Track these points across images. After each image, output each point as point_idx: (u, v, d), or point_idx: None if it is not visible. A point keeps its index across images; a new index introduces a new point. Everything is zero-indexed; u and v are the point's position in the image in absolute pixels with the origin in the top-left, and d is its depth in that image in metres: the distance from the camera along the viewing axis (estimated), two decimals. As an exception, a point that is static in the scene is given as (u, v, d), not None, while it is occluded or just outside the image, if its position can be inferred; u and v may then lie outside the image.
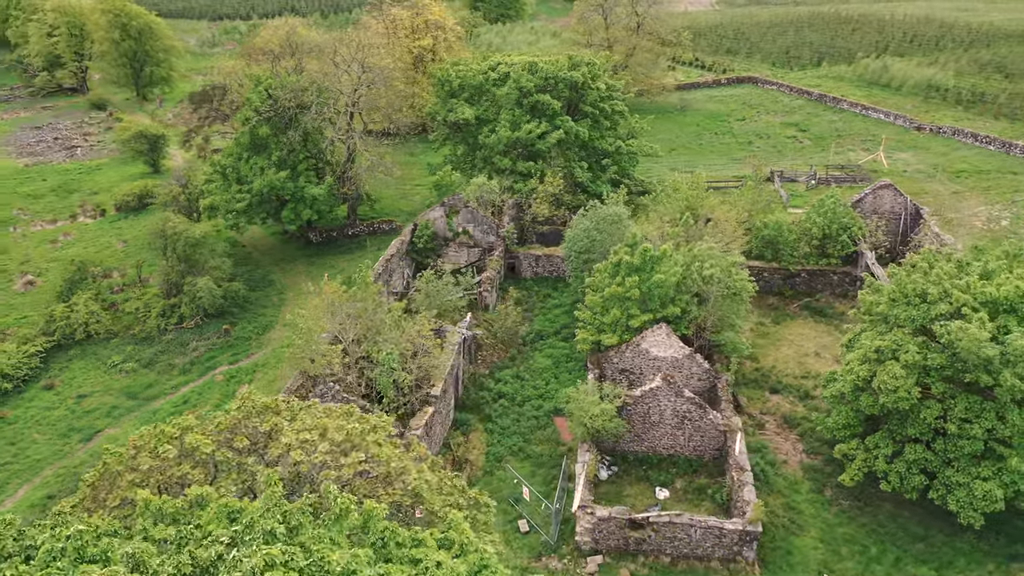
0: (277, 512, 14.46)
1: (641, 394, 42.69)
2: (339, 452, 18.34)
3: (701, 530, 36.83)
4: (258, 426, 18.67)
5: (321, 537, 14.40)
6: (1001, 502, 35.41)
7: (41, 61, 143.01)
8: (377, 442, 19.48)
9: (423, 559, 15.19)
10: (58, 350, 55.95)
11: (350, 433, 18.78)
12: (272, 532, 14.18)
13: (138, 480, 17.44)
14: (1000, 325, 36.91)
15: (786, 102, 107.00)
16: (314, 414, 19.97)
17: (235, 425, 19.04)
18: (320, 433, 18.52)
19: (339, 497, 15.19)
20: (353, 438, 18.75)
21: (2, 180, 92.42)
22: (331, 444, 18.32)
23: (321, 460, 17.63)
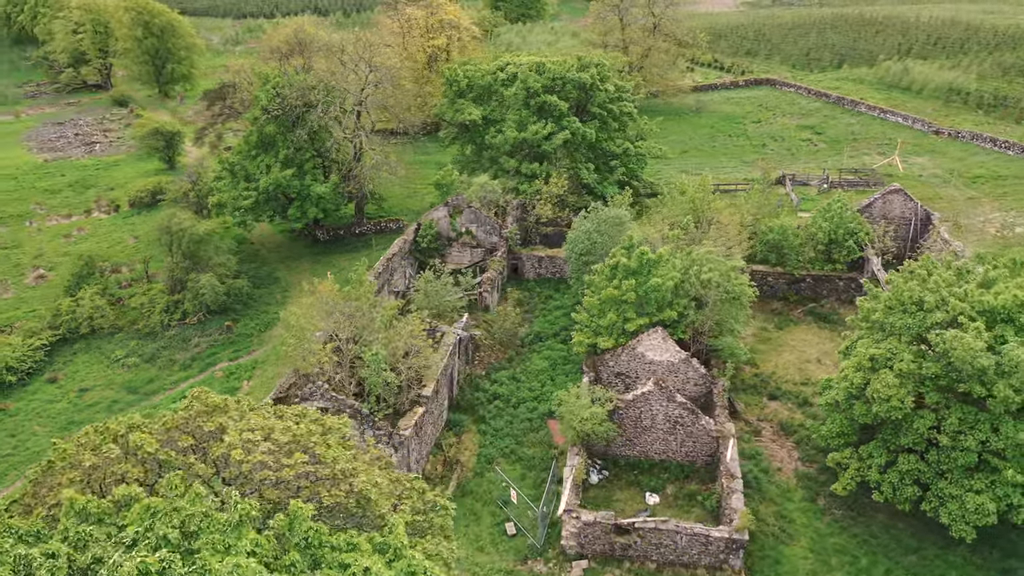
0: (176, 517, 14.46)
1: (633, 398, 42.39)
2: (281, 453, 18.30)
3: (687, 537, 36.48)
4: (203, 425, 18.69)
5: (216, 543, 14.36)
6: (994, 516, 34.70)
7: (66, 58, 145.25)
8: (326, 443, 19.42)
9: (352, 564, 15.14)
10: (63, 344, 56.67)
11: (296, 434, 18.73)
12: (165, 537, 14.18)
13: (78, 478, 17.55)
14: (997, 335, 36.23)
15: (803, 104, 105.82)
16: (263, 414, 19.99)
17: (182, 424, 19.07)
18: (265, 434, 18.51)
19: (239, 503, 15.15)
20: (299, 439, 18.69)
21: (22, 175, 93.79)
22: (274, 445, 18.30)
23: (260, 460, 17.59)
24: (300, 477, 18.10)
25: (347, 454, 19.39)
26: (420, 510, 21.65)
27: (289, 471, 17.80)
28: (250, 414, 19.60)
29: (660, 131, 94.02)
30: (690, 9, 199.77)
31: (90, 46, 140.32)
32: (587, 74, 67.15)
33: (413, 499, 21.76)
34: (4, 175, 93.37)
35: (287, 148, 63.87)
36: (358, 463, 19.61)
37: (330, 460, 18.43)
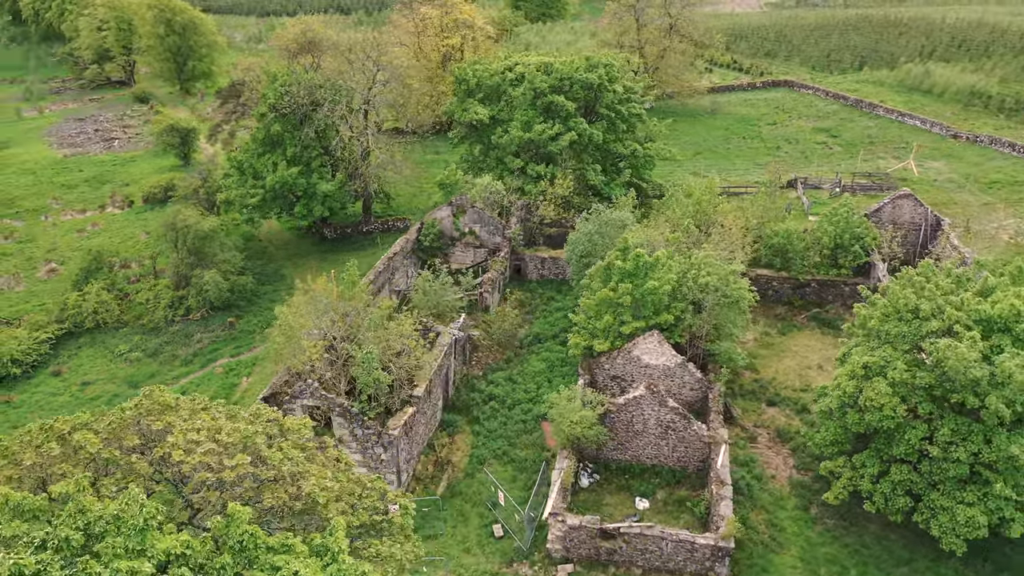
0: (80, 519, 14.50)
1: (625, 402, 42.13)
2: (225, 454, 18.33)
3: (673, 543, 36.19)
4: (151, 424, 18.77)
5: (116, 547, 14.36)
6: (984, 529, 34.09)
7: (91, 54, 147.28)
8: (278, 445, 19.40)
9: (283, 566, 15.14)
10: (69, 337, 57.43)
11: (244, 435, 18.74)
12: (67, 539, 14.25)
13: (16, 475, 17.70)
14: (993, 344, 35.59)
15: (820, 107, 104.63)
16: (213, 414, 20.05)
17: (130, 423, 19.18)
18: (211, 434, 18.54)
19: (145, 506, 15.15)
20: (246, 440, 18.71)
21: (41, 170, 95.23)
22: (219, 446, 18.33)
23: (201, 461, 17.61)
24: (243, 479, 18.14)
25: (299, 456, 19.39)
26: (381, 511, 21.64)
27: (230, 472, 17.84)
28: (201, 413, 19.69)
29: (672, 132, 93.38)
30: (712, 9, 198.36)
31: (114, 43, 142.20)
32: (595, 75, 66.84)
33: (373, 499, 21.76)
34: (24, 170, 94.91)
35: (294, 146, 64.24)
36: (312, 465, 19.61)
37: (276, 462, 18.44)
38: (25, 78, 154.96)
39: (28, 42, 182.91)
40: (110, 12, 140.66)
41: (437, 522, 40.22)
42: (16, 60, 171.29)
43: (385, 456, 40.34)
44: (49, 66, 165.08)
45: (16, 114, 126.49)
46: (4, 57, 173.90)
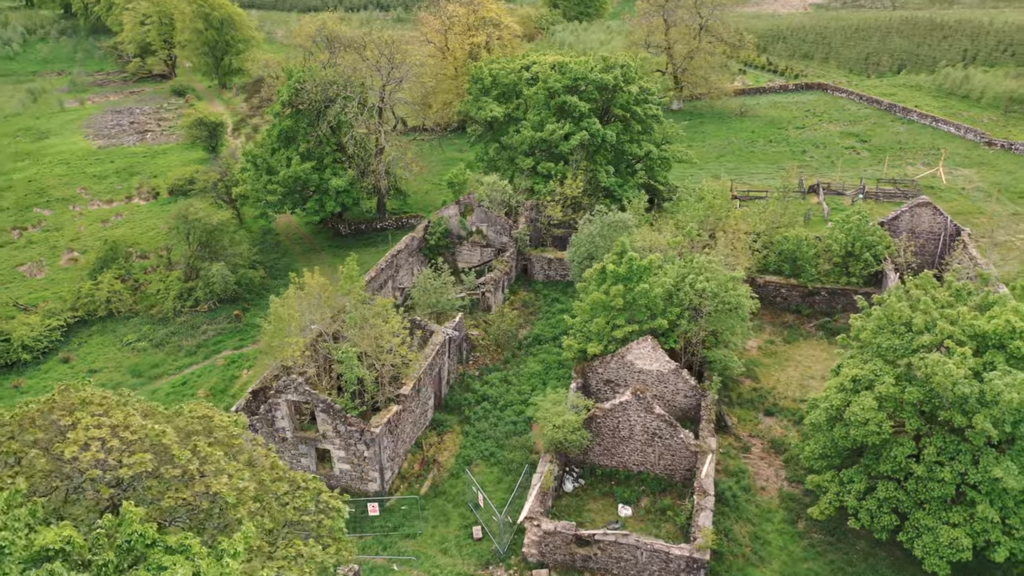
0: None
1: (611, 407, 41.66)
2: (126, 451, 18.42)
3: (647, 553, 35.69)
4: (59, 420, 18.96)
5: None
6: (968, 552, 32.97)
7: (134, 48, 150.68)
8: (194, 444, 19.45)
9: (169, 567, 15.18)
10: (81, 325, 58.70)
11: (150, 432, 18.81)
12: None
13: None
14: (986, 361, 34.41)
15: (852, 111, 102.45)
16: (129, 411, 20.19)
17: (38, 416, 19.39)
18: (115, 431, 18.63)
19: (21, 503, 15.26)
20: (155, 437, 18.77)
21: (75, 160, 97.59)
22: (122, 443, 18.43)
23: (94, 458, 17.71)
24: (144, 476, 18.25)
25: (218, 454, 19.45)
26: (312, 511, 21.64)
27: (127, 471, 17.94)
28: (115, 410, 19.86)
29: (697, 134, 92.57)
30: (755, 10, 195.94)
31: (156, 37, 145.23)
32: (610, 75, 66.18)
33: (305, 499, 21.78)
34: (59, 160, 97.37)
35: (307, 142, 64.81)
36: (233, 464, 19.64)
37: (183, 461, 18.53)
38: (71, 70, 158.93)
39: (77, 35, 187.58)
40: (152, 6, 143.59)
41: (418, 521, 40.23)
42: (65, 52, 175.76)
43: (368, 453, 40.46)
44: (95, 59, 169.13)
45: (59, 105, 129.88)
46: (54, 49, 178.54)
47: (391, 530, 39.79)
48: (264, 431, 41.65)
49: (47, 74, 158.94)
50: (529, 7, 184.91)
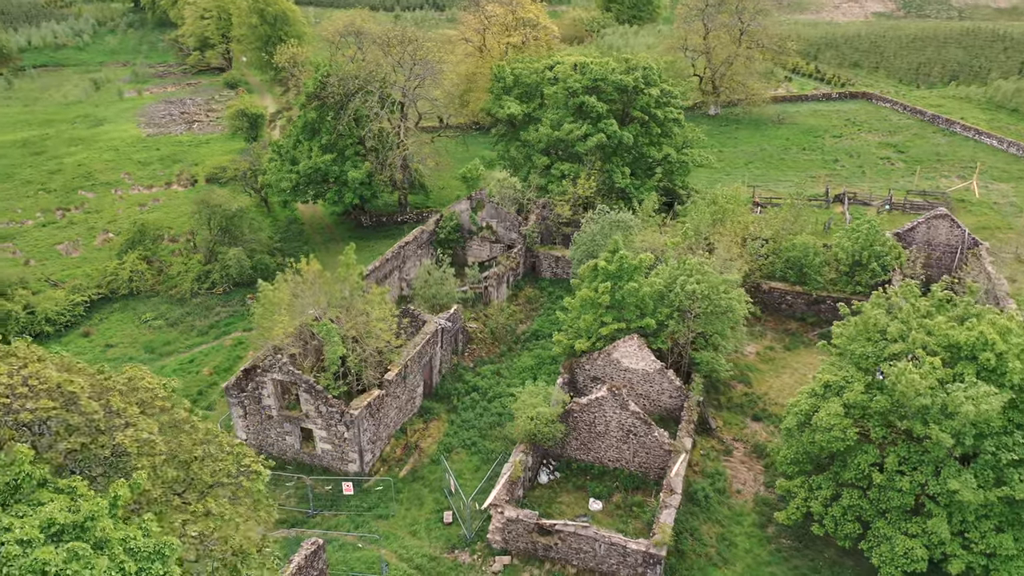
0: None
1: (587, 402, 42.10)
2: (31, 398, 19.72)
3: (605, 546, 36.06)
4: None
5: None
6: (924, 563, 32.59)
7: (194, 41, 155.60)
8: (107, 400, 20.69)
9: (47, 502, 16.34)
10: (105, 302, 61.41)
11: (60, 382, 20.10)
12: None
13: None
14: (957, 372, 33.92)
15: (894, 121, 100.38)
16: (46, 365, 21.57)
17: None
18: (24, 379, 19.95)
19: None
20: (65, 387, 20.03)
21: (123, 146, 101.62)
22: (30, 391, 19.77)
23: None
24: (49, 422, 19.55)
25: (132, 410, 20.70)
26: (232, 473, 22.77)
27: (28, 415, 19.26)
28: (33, 363, 21.27)
29: (730, 140, 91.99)
30: (811, 17, 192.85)
31: (214, 31, 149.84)
32: (630, 77, 66.43)
33: (227, 462, 22.92)
34: (108, 147, 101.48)
35: (329, 134, 66.60)
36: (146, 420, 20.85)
37: (89, 411, 19.79)
38: (135, 61, 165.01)
39: (144, 28, 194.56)
40: (212, 1, 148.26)
41: (392, 503, 41.28)
42: (131, 44, 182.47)
43: (348, 434, 41.67)
44: (158, 51, 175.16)
45: (118, 94, 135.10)
46: (121, 41, 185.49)
47: (365, 510, 40.92)
48: (251, 408, 43.29)
49: (113, 65, 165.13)
50: (581, 9, 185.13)
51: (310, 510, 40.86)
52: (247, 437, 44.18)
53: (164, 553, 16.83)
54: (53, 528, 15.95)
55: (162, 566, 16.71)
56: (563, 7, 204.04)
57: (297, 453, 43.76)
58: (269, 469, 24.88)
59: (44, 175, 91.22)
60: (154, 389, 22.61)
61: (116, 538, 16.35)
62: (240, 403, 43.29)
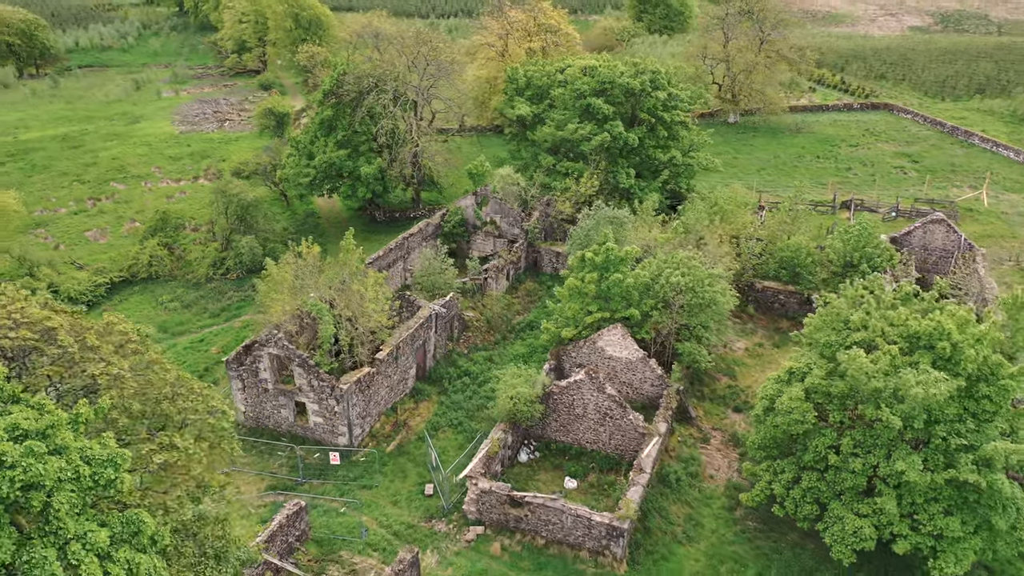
0: None
1: (566, 385, 43.79)
2: (13, 329, 22.01)
3: (572, 518, 37.67)
4: None
5: None
6: (872, 542, 33.72)
7: (232, 44, 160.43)
8: (85, 336, 22.92)
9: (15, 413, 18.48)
10: (125, 285, 64.51)
11: (40, 317, 22.40)
12: None
13: None
14: (913, 361, 35.05)
15: (913, 132, 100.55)
16: (32, 303, 23.92)
17: None
18: (11, 314, 22.26)
19: None
20: (44, 321, 22.32)
21: (156, 142, 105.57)
22: (12, 322, 21.98)
23: None
24: (29, 352, 21.79)
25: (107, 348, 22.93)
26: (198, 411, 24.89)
27: (9, 342, 21.54)
28: (19, 302, 23.62)
29: (745, 147, 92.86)
30: (846, 30, 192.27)
31: (251, 35, 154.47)
32: (637, 80, 68.07)
33: (195, 403, 25.07)
34: (141, 142, 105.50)
35: (345, 130, 69.22)
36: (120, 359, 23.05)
37: (67, 344, 22.05)
38: (176, 63, 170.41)
39: (186, 31, 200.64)
40: (250, 5, 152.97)
41: (377, 475, 43.30)
42: (173, 47, 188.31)
43: (338, 408, 43.82)
44: (199, 53, 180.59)
45: (156, 94, 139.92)
46: (164, 44, 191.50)
47: (351, 480, 42.99)
48: (249, 381, 45.67)
49: (155, 66, 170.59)
50: (613, 19, 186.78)
51: (299, 478, 43.03)
52: (245, 409, 46.59)
53: (116, 462, 18.98)
54: (17, 432, 18.17)
55: (114, 472, 18.86)
56: (596, 17, 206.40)
57: (291, 426, 46.02)
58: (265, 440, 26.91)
59: (80, 167, 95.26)
60: (128, 333, 24.88)
61: (74, 447, 18.55)
62: (239, 376, 45.70)
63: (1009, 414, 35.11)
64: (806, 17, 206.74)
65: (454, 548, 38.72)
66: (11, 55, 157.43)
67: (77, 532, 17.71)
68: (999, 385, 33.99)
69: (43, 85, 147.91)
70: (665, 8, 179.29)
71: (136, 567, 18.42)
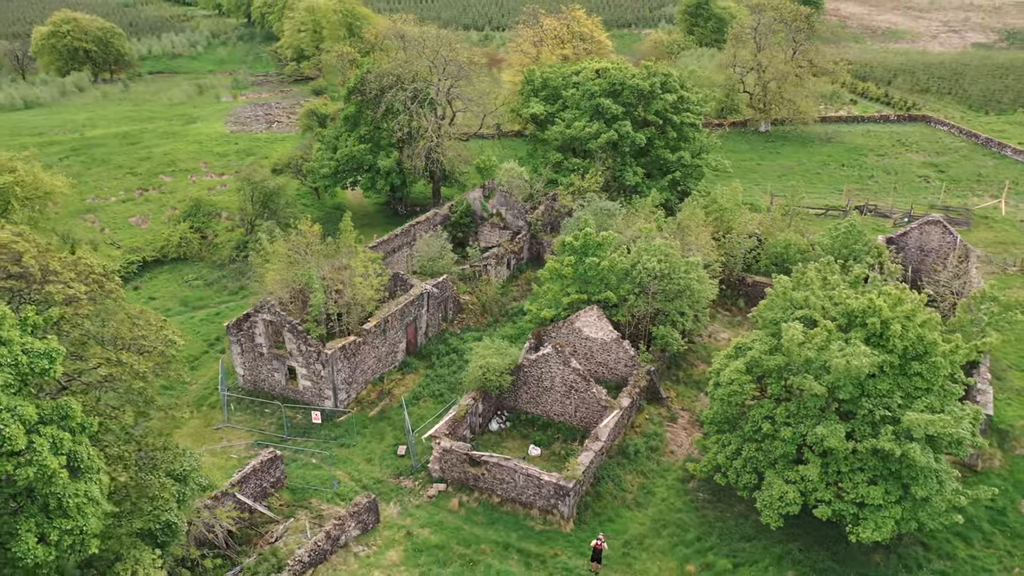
0: None
1: (535, 358, 46.21)
2: None
3: (524, 477, 40.00)
4: None
5: None
6: (796, 506, 35.22)
7: (292, 53, 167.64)
8: (48, 260, 26.36)
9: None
10: (156, 264, 69.45)
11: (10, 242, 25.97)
12: None
13: None
14: (848, 337, 36.49)
15: (946, 143, 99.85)
16: (3, 229, 27.57)
17: None
18: None
19: None
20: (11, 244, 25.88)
21: (207, 141, 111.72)
22: None
23: None
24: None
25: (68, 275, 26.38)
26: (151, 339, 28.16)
27: None
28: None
29: (771, 154, 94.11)
30: (905, 46, 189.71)
31: (309, 43, 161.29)
32: (647, 82, 70.20)
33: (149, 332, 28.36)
34: (194, 140, 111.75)
35: (367, 126, 73.14)
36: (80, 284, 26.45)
37: (29, 265, 25.53)
38: (238, 70, 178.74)
39: (252, 40, 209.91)
40: (308, 15, 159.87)
41: (356, 436, 46.37)
42: (239, 55, 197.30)
43: (324, 372, 47.11)
44: (262, 62, 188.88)
45: (216, 98, 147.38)
46: (231, 52, 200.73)
47: (332, 439, 46.16)
48: (247, 346, 49.36)
49: (220, 73, 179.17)
50: (663, 32, 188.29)
51: (284, 435, 46.40)
52: (244, 372, 50.29)
53: (52, 356, 22.34)
54: (-36, 326, 21.72)
55: (49, 363, 22.21)
56: (648, 31, 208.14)
57: (284, 388, 49.50)
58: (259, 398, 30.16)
59: (134, 161, 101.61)
60: (92, 266, 28.41)
61: (17, 341, 21.97)
62: (238, 341, 49.45)
63: (944, 393, 36.20)
64: (866, 33, 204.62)
65: (416, 502, 41.45)
66: (88, 60, 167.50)
67: (8, 405, 21.06)
68: (930, 363, 35.28)
69: (114, 89, 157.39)
70: (716, 22, 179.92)
71: (60, 443, 21.68)
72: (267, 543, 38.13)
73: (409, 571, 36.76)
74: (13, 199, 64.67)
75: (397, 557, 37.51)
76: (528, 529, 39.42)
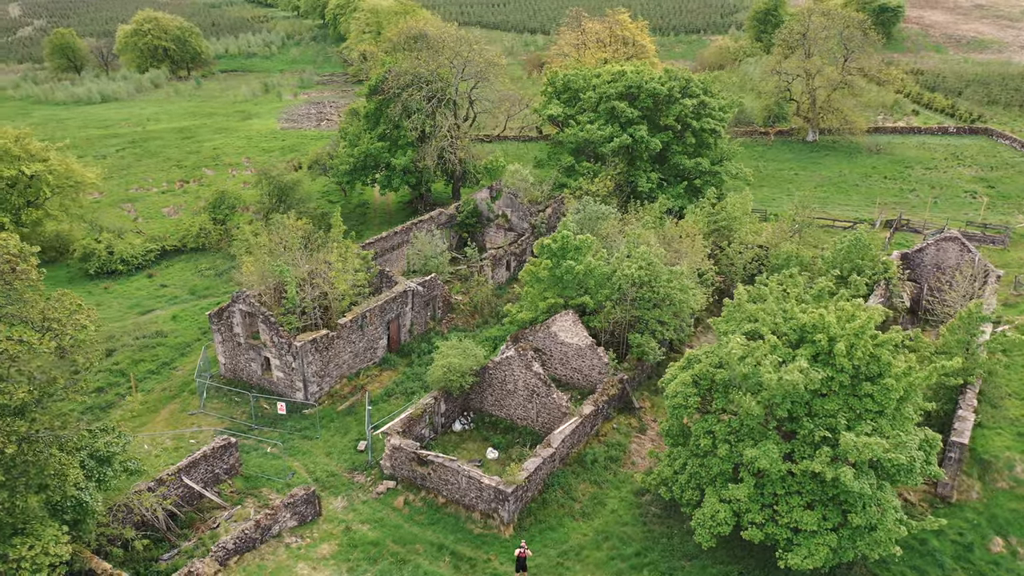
0: None
1: (499, 360, 45.73)
2: None
3: (466, 479, 39.59)
4: None
5: None
6: (728, 527, 33.80)
7: (356, 54, 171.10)
8: None
9: None
10: (175, 253, 71.72)
11: None
12: None
13: None
14: (797, 353, 34.86)
15: (1003, 157, 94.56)
16: None
17: None
18: None
19: None
20: None
21: (256, 137, 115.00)
22: None
23: None
24: None
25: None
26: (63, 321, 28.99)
27: None
28: None
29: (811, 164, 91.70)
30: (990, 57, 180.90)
31: (372, 44, 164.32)
32: (665, 87, 68.85)
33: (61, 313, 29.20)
34: (243, 136, 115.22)
35: (386, 124, 73.91)
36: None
37: None
38: (306, 70, 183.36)
39: (325, 41, 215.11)
40: (371, 17, 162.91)
41: (321, 429, 46.80)
42: (309, 55, 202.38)
43: (295, 364, 47.73)
44: (330, 62, 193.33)
45: (278, 96, 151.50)
46: (303, 52, 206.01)
47: (297, 431, 46.70)
48: (226, 335, 50.42)
49: (290, 72, 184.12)
50: (730, 39, 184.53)
51: (252, 424, 47.18)
52: (225, 361, 51.39)
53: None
54: None
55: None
56: (716, 37, 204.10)
57: (260, 378, 50.37)
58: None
59: (183, 155, 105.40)
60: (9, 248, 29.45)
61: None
62: (219, 330, 50.57)
63: (898, 417, 34.21)
64: (949, 42, 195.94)
65: (363, 498, 41.51)
66: (166, 58, 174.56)
67: None
68: (881, 384, 33.39)
69: (187, 86, 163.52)
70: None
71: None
72: (209, 528, 38.82)
73: (338, 565, 36.83)
74: (44, 186, 67.90)
75: (329, 551, 37.64)
76: (467, 532, 38.99)
